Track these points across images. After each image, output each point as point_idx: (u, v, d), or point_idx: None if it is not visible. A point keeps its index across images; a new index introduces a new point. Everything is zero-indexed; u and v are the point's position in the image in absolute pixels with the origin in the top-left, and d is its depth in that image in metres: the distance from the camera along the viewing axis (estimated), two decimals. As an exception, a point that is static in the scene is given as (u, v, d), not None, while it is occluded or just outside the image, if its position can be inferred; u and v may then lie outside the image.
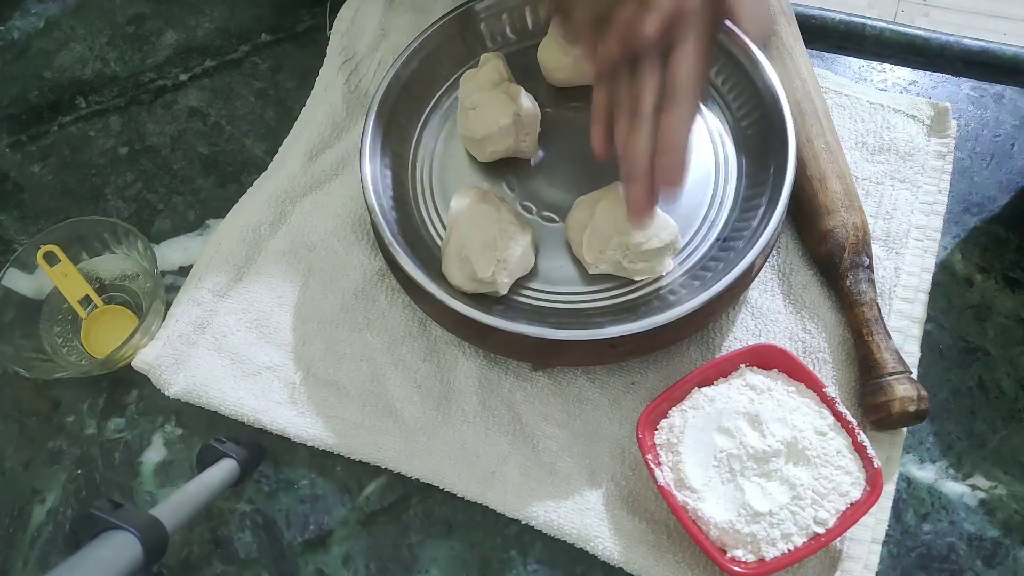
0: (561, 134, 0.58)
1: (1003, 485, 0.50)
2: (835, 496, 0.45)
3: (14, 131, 0.67)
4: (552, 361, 0.52)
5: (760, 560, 0.44)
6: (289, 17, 0.70)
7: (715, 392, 0.48)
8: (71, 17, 0.72)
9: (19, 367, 0.53)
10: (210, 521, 0.52)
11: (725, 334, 0.54)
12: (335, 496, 0.52)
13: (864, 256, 0.53)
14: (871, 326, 0.51)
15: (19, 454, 0.54)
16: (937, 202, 0.57)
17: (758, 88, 0.55)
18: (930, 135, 0.59)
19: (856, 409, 0.51)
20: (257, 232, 0.59)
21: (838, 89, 0.61)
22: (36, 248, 0.56)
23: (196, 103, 0.67)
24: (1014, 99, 0.61)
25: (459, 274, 0.51)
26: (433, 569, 0.50)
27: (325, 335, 0.55)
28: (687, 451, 0.47)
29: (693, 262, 0.53)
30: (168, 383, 0.54)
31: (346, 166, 0.61)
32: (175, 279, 0.59)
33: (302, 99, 0.65)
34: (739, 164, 0.56)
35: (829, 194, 0.54)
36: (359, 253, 0.58)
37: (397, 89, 0.58)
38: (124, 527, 0.40)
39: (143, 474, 0.53)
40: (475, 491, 0.50)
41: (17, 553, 0.51)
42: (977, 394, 0.52)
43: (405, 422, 0.52)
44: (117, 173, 0.64)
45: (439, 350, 0.55)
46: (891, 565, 0.48)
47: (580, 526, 0.49)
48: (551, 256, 0.54)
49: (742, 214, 0.53)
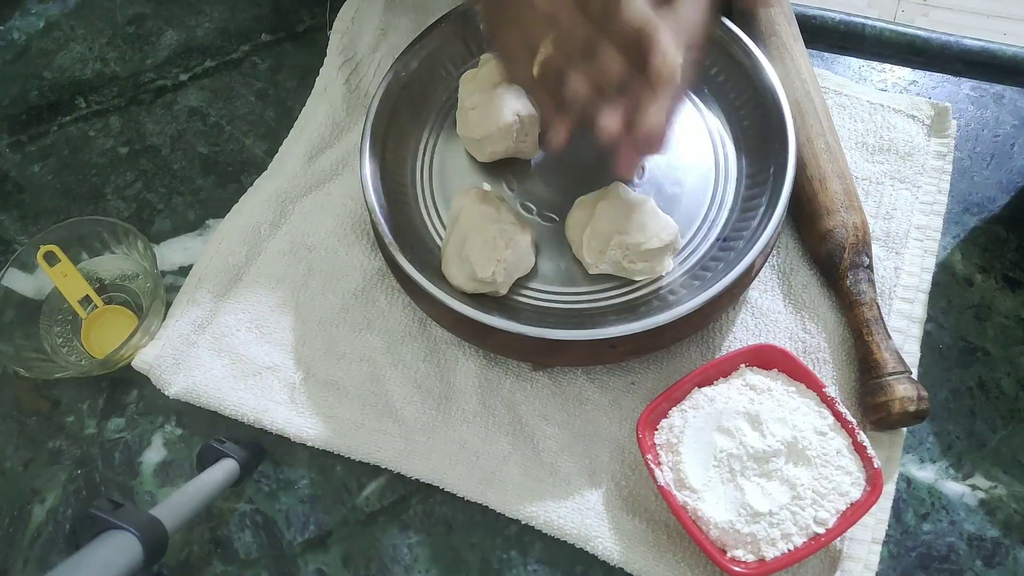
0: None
1: (1003, 485, 0.50)
2: (835, 496, 0.45)
3: (14, 131, 0.67)
4: (552, 361, 0.52)
5: (760, 560, 0.44)
6: (289, 17, 0.70)
7: (715, 392, 0.48)
8: (71, 17, 0.72)
9: (19, 367, 0.53)
10: (210, 521, 0.52)
11: (725, 334, 0.54)
12: (335, 496, 0.52)
13: (864, 256, 0.53)
14: (871, 326, 0.51)
15: (19, 454, 0.54)
16: (937, 202, 0.57)
17: (758, 88, 0.55)
18: (930, 135, 0.59)
19: (856, 409, 0.51)
20: (257, 232, 0.59)
21: (838, 89, 0.61)
22: (36, 248, 0.56)
23: (196, 103, 0.67)
24: (1014, 99, 0.61)
25: (459, 274, 0.51)
26: (433, 569, 0.50)
27: (325, 335, 0.55)
28: (687, 451, 0.47)
29: (693, 262, 0.53)
30: (168, 383, 0.54)
31: (346, 166, 0.61)
32: (175, 279, 0.59)
33: (302, 99, 0.65)
34: (739, 164, 0.56)
35: (829, 194, 0.54)
36: (359, 253, 0.58)
37: (397, 89, 0.58)
38: (124, 527, 0.40)
39: (143, 474, 0.53)
40: (475, 491, 0.50)
41: (17, 553, 0.51)
42: (977, 394, 0.52)
43: (405, 422, 0.52)
44: (117, 173, 0.64)
45: (439, 350, 0.55)
46: (891, 565, 0.48)
47: (580, 526, 0.49)
48: (551, 256, 0.54)
49: (742, 214, 0.53)
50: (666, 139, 0.43)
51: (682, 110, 0.45)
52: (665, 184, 0.55)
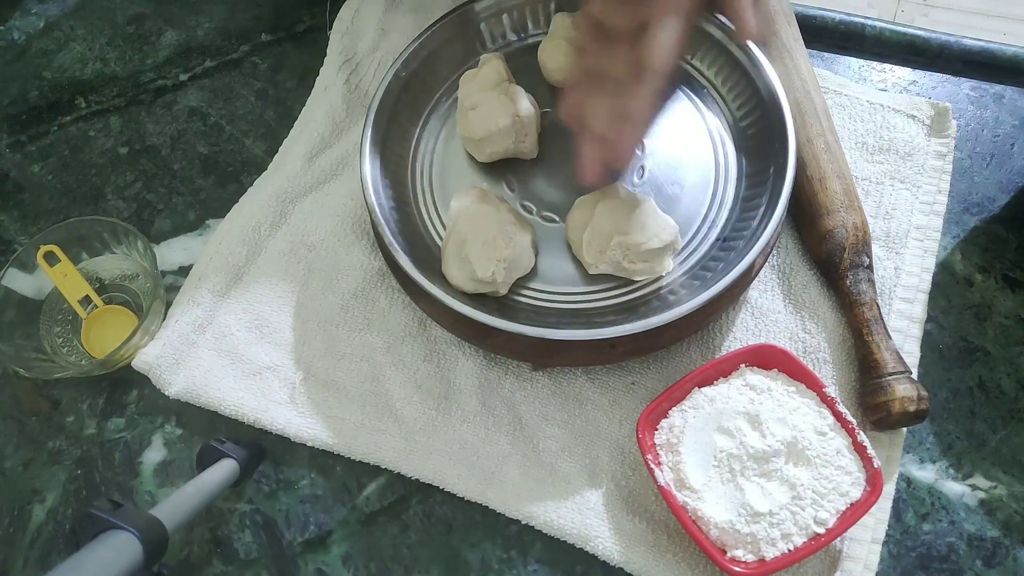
0: (561, 134, 0.58)
1: (1003, 485, 0.50)
2: (835, 496, 0.45)
3: (14, 131, 0.67)
4: (552, 361, 0.52)
5: (760, 560, 0.44)
6: (289, 17, 0.70)
7: (715, 392, 0.48)
8: (71, 17, 0.72)
9: (19, 367, 0.53)
10: (210, 521, 0.52)
11: (725, 334, 0.54)
12: (335, 496, 0.52)
13: (864, 256, 0.53)
14: (871, 326, 0.51)
15: (19, 454, 0.54)
16: (937, 202, 0.57)
17: (758, 88, 0.55)
18: (930, 135, 0.59)
19: (856, 409, 0.51)
20: (257, 232, 0.59)
21: (838, 89, 0.61)
22: (36, 248, 0.56)
23: (196, 103, 0.67)
24: (1014, 99, 0.61)
25: (459, 274, 0.51)
26: (433, 569, 0.50)
27: (325, 335, 0.55)
28: (687, 451, 0.47)
29: (693, 262, 0.53)
30: (168, 383, 0.54)
31: (346, 166, 0.61)
32: (175, 279, 0.59)
33: (302, 99, 0.65)
34: (739, 164, 0.56)
35: (829, 194, 0.54)
36: (359, 253, 0.58)
37: (397, 89, 0.58)
38: (124, 527, 0.40)
39: (143, 474, 0.53)
40: (475, 491, 0.50)
41: (17, 553, 0.51)
42: (977, 394, 0.52)
43: (405, 422, 0.52)
44: (117, 173, 0.64)
45: (439, 350, 0.55)
46: (891, 565, 0.48)
47: (580, 526, 0.49)
48: (551, 256, 0.54)
49: (742, 214, 0.53)
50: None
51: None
52: (665, 184, 0.55)
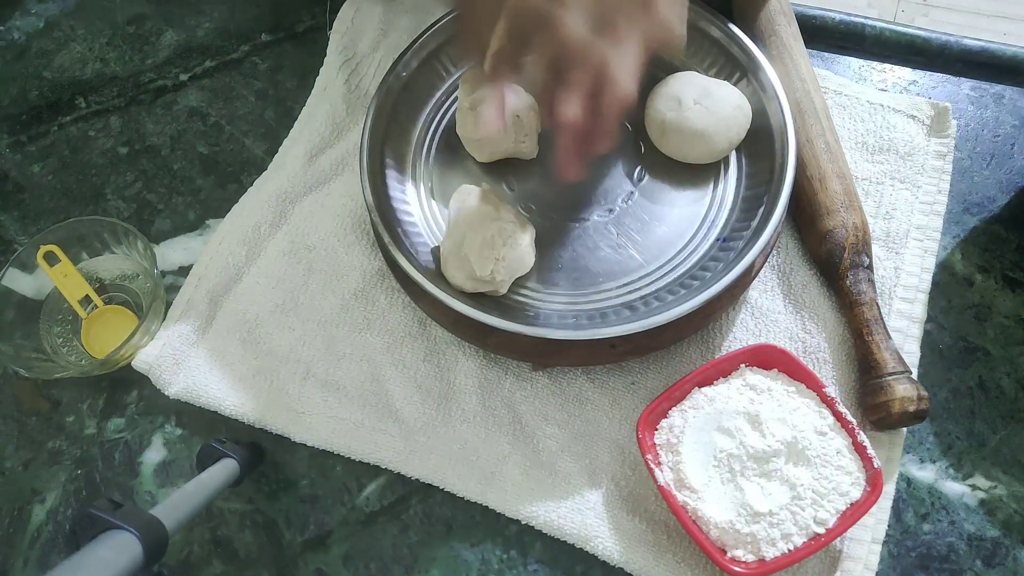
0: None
1: (1003, 485, 0.50)
2: (835, 496, 0.45)
3: (14, 131, 0.67)
4: (552, 361, 0.52)
5: (760, 560, 0.44)
6: (289, 17, 0.70)
7: (715, 392, 0.48)
8: (71, 17, 0.72)
9: (19, 367, 0.53)
10: (210, 521, 0.52)
11: (725, 334, 0.54)
12: (335, 496, 0.52)
13: (864, 256, 0.53)
14: (871, 326, 0.51)
15: (19, 454, 0.54)
16: (937, 202, 0.57)
17: (758, 88, 0.55)
18: (930, 135, 0.59)
19: (856, 409, 0.51)
20: (257, 232, 0.59)
21: (838, 89, 0.61)
22: (36, 248, 0.56)
23: (196, 103, 0.67)
24: (1014, 99, 0.61)
25: (458, 273, 0.51)
26: (433, 569, 0.50)
27: (325, 335, 0.55)
28: (687, 451, 0.47)
29: (693, 262, 0.53)
30: (168, 383, 0.54)
31: (346, 166, 0.61)
32: (175, 279, 0.59)
33: (302, 99, 0.65)
34: (739, 164, 0.56)
35: (829, 194, 0.54)
36: (359, 253, 0.58)
37: (397, 89, 0.58)
38: (124, 527, 0.40)
39: (143, 474, 0.53)
40: (475, 491, 0.50)
41: (17, 553, 0.51)
42: (977, 394, 0.52)
43: (405, 422, 0.52)
44: (117, 173, 0.64)
45: (439, 350, 0.55)
46: (891, 565, 0.48)
47: (580, 526, 0.49)
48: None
49: (742, 214, 0.53)
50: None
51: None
52: (665, 184, 0.55)
